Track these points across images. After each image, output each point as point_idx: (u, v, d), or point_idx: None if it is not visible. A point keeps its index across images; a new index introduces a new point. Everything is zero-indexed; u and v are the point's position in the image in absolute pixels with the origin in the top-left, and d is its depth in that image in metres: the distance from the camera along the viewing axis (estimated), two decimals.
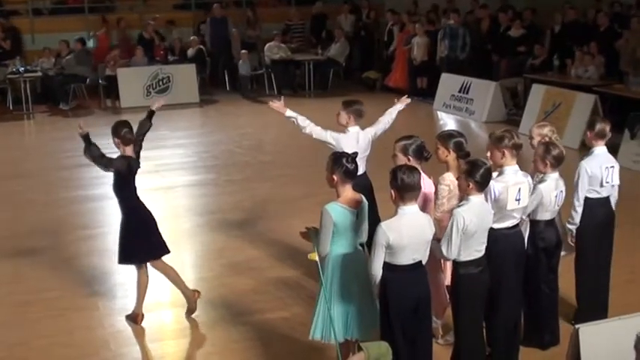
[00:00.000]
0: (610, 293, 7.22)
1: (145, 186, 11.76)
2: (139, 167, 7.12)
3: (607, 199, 6.93)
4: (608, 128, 7.01)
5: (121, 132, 6.97)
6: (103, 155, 6.96)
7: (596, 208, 6.84)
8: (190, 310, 7.47)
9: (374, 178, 7.20)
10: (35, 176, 12.56)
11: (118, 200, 7.12)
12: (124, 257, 7.16)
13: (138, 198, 7.19)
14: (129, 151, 7.03)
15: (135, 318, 7.29)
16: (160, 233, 7.27)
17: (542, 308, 6.60)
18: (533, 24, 17.81)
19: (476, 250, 5.66)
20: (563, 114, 14.15)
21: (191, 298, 7.46)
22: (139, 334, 7.20)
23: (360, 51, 21.42)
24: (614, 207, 7.05)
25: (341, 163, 5.57)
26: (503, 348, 6.23)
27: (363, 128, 7.71)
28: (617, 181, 6.97)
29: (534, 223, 6.49)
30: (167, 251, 7.32)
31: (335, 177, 5.58)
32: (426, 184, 6.20)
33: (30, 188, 11.85)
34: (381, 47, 20.65)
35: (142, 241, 7.08)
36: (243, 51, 20.03)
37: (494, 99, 16.51)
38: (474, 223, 5.52)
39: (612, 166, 6.91)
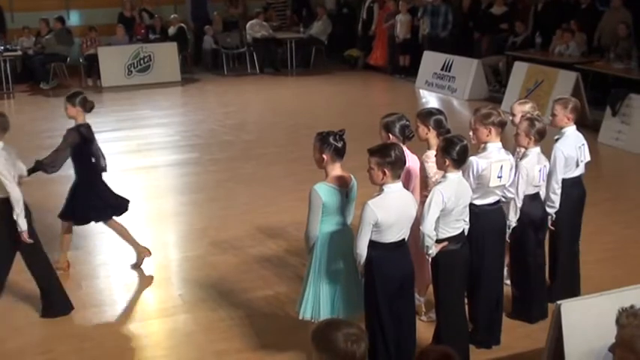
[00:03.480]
0: (591, 269, 7.29)
1: (127, 165, 11.85)
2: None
3: (579, 176, 6.98)
4: (578, 105, 7.01)
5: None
6: (56, 156, 7.55)
7: (572, 187, 6.87)
8: (137, 265, 8.05)
9: (353, 158, 6.94)
10: None
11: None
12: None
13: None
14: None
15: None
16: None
17: (530, 283, 6.64)
18: (515, 1, 17.80)
19: (454, 227, 5.68)
20: (545, 91, 14.18)
21: (141, 254, 8.04)
22: (123, 313, 7.20)
23: (342, 29, 21.33)
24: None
25: (329, 142, 5.52)
26: (486, 324, 6.28)
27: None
28: (588, 158, 7.03)
29: None
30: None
31: (325, 156, 5.52)
32: (410, 159, 6.20)
33: None
34: (362, 25, 20.53)
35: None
36: (207, 26, 20.08)
37: (477, 77, 16.54)
38: (452, 200, 5.54)
39: (583, 144, 6.95)
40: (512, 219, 6.40)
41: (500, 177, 6.08)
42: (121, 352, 6.52)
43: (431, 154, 6.23)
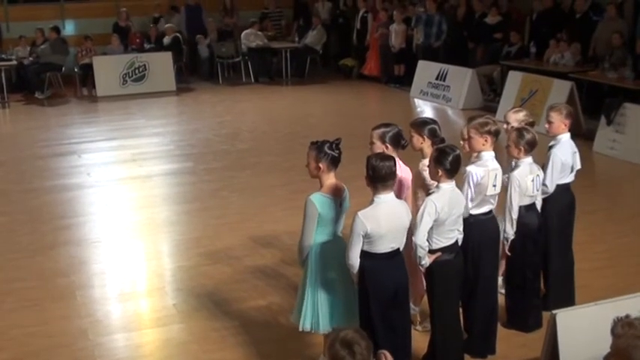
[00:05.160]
0: (585, 278, 7.28)
1: (121, 175, 11.85)
2: None
3: (569, 184, 7.00)
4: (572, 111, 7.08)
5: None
6: None
7: (562, 193, 6.89)
8: None
9: (347, 167, 6.94)
10: (10, 166, 12.45)
11: None
12: None
13: None
14: None
15: None
16: None
17: (526, 293, 6.62)
18: (510, 11, 17.85)
19: (447, 237, 5.67)
20: (539, 101, 14.20)
21: None
22: (117, 323, 7.17)
23: (337, 38, 21.37)
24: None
25: (325, 151, 5.49)
26: (481, 333, 6.26)
27: None
28: (579, 165, 7.05)
29: None
30: None
31: (321, 165, 5.49)
32: (402, 170, 6.19)
33: (5, 178, 11.74)
34: (357, 35, 20.55)
35: None
36: (199, 35, 20.13)
37: (471, 86, 16.56)
38: (445, 210, 5.53)
39: (576, 152, 6.99)
40: (510, 231, 6.38)
41: (494, 185, 6.09)
42: None
43: (427, 162, 6.21)
